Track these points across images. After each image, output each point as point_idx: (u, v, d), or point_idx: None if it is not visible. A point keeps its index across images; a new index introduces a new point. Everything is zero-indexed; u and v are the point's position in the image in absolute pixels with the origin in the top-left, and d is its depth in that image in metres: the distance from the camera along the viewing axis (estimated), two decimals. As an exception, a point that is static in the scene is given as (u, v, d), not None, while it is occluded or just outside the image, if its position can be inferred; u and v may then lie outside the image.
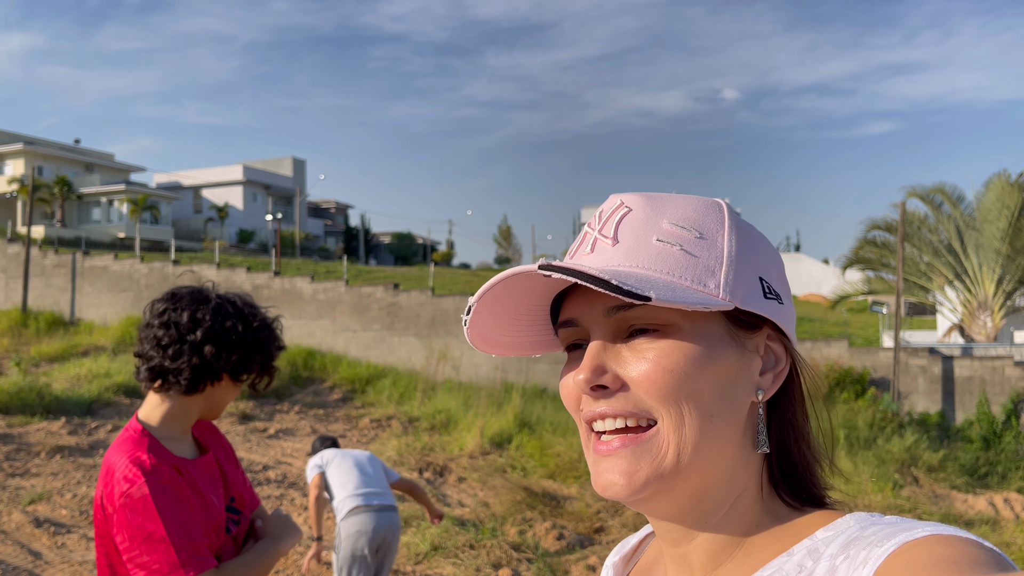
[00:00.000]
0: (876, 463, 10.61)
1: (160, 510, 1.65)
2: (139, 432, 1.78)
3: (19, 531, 7.23)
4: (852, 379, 14.92)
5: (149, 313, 1.85)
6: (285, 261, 31.82)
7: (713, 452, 0.68)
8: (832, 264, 44.04)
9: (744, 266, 0.70)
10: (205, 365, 1.79)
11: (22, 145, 45.00)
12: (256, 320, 1.88)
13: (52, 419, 12.77)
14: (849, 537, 0.62)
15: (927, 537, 0.56)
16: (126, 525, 1.66)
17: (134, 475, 1.67)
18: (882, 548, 0.57)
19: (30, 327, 23.82)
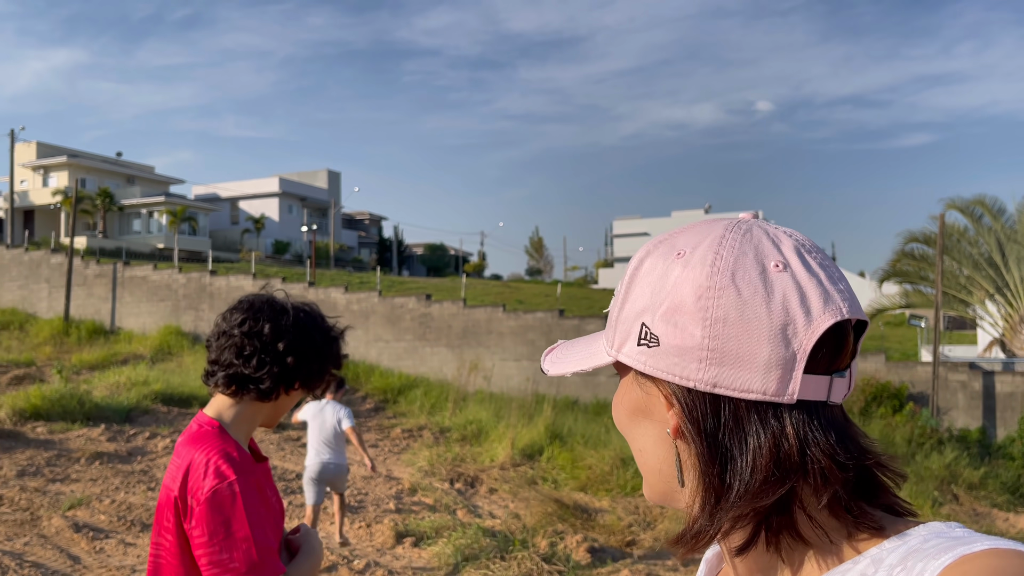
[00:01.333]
0: (914, 480, 10.41)
1: (247, 509, 1.69)
2: (217, 427, 1.82)
3: (58, 536, 7.37)
4: (889, 394, 14.67)
5: (225, 322, 1.88)
6: (320, 272, 32.16)
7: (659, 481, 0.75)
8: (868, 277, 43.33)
9: (628, 314, 0.72)
10: (284, 374, 1.84)
11: (66, 158, 46.11)
12: (331, 331, 1.94)
13: (92, 426, 13.02)
14: (910, 549, 0.62)
15: (986, 551, 0.56)
16: (209, 520, 1.68)
17: (226, 471, 1.71)
18: (938, 561, 0.57)
19: (72, 336, 24.32)
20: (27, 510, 8.21)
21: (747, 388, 0.65)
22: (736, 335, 0.65)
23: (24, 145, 46.98)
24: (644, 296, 0.71)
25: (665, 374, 0.69)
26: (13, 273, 28.70)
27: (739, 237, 0.69)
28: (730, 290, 0.66)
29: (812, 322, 0.65)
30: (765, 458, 0.65)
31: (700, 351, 0.66)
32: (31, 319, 26.56)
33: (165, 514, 1.78)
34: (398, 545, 7.56)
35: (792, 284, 0.66)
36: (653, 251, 0.73)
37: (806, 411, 0.66)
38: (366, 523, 8.15)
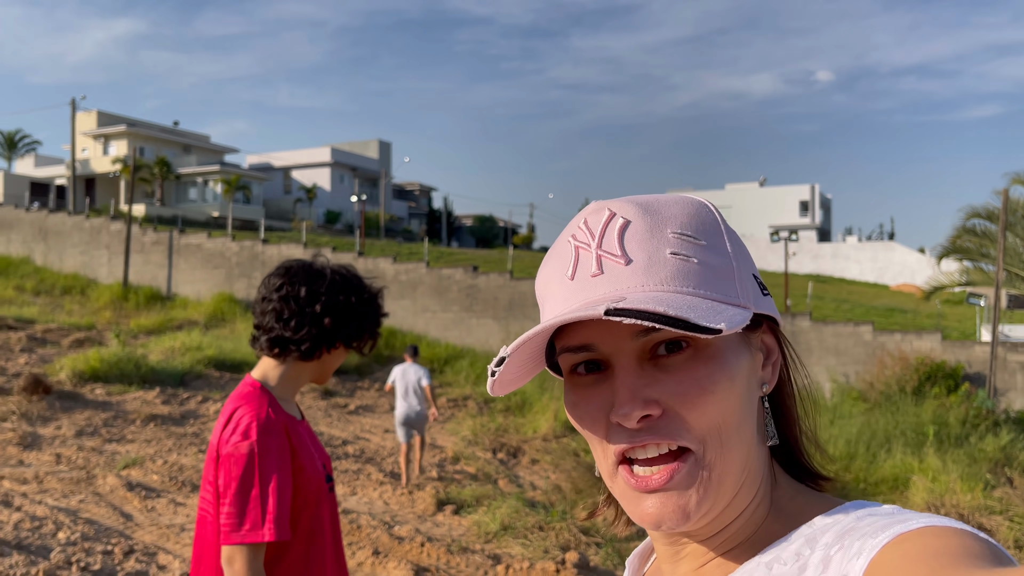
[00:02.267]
0: (967, 462, 10.14)
1: (262, 470, 1.79)
2: (258, 388, 1.92)
3: (113, 494, 7.64)
4: (944, 373, 14.28)
5: (265, 288, 1.97)
6: (369, 242, 32.47)
7: (739, 461, 0.67)
8: (927, 254, 42.17)
9: (743, 268, 0.70)
10: (323, 335, 1.93)
11: (125, 127, 47.19)
12: (366, 292, 2.02)
13: (147, 389, 13.42)
14: (845, 527, 0.62)
15: (922, 528, 0.56)
16: (228, 473, 1.79)
17: (250, 430, 1.81)
18: (876, 539, 0.56)
19: (130, 301, 25.05)
20: (83, 468, 8.52)
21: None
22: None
23: (85, 114, 48.21)
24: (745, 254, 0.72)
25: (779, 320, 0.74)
26: (75, 239, 29.59)
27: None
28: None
29: None
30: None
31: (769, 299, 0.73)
32: (92, 284, 27.41)
33: (208, 468, 1.89)
34: (439, 512, 7.66)
35: None
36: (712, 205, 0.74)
37: None
38: (408, 490, 8.27)
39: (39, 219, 31.14)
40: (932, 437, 11.11)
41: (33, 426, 10.43)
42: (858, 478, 9.59)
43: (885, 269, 44.40)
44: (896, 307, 25.91)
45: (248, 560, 1.74)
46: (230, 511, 1.77)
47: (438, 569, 5.92)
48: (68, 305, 24.66)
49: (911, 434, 11.22)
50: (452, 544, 6.50)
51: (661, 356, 0.66)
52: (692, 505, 0.65)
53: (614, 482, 0.69)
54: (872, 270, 44.67)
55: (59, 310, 23.54)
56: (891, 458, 10.16)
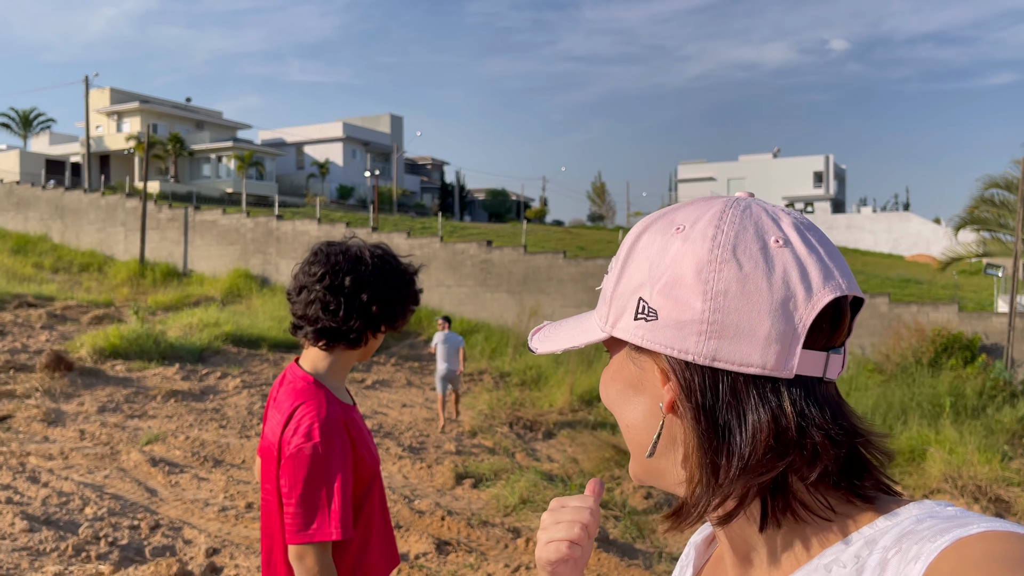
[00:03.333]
0: (984, 433, 10.14)
1: (328, 472, 1.79)
2: (312, 383, 1.90)
3: (137, 469, 7.77)
4: (961, 345, 14.22)
5: (305, 276, 1.92)
6: (382, 217, 32.49)
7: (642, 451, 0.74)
8: (944, 224, 41.76)
9: (625, 289, 0.71)
10: (371, 321, 1.91)
11: (138, 104, 47.22)
12: (407, 273, 2.00)
13: (167, 365, 13.57)
14: (904, 530, 0.61)
15: (982, 533, 0.55)
16: (292, 475, 1.78)
17: (312, 431, 1.80)
18: (935, 544, 0.56)
19: (147, 277, 25.25)
20: (107, 444, 8.66)
21: (746, 362, 0.65)
22: (737, 308, 0.65)
23: (98, 91, 48.25)
24: (642, 271, 0.70)
25: (664, 347, 0.68)
26: (91, 217, 29.78)
27: (739, 213, 0.69)
28: (731, 264, 0.65)
29: (812, 297, 0.65)
30: (764, 433, 0.65)
31: (700, 324, 0.66)
32: (109, 261, 27.63)
33: (268, 462, 1.89)
34: (458, 486, 7.74)
35: (793, 259, 0.66)
36: (650, 227, 0.72)
37: (803, 387, 0.66)
38: (427, 464, 8.36)
39: (55, 197, 31.34)
40: (949, 409, 11.10)
41: (56, 403, 10.59)
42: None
43: (900, 240, 44.04)
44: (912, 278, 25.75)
45: (318, 557, 1.77)
46: (297, 511, 1.77)
47: (459, 543, 6.01)
48: (86, 282, 24.89)
49: (928, 406, 11.21)
50: (472, 518, 6.58)
51: None
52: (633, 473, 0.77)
53: None
54: (887, 241, 44.33)
55: (77, 287, 23.77)
56: (908, 430, 10.16)
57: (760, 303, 0.64)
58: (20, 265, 25.84)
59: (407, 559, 5.67)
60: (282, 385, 1.97)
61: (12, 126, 50.57)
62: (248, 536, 6.05)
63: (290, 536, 1.78)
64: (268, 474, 1.90)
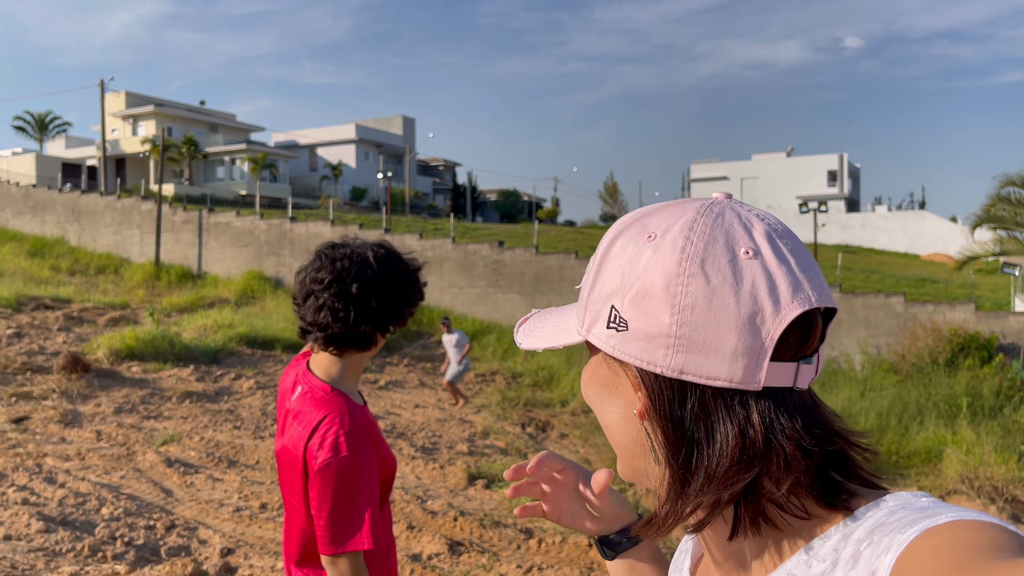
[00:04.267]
0: (1001, 433, 10.06)
1: (358, 484, 1.80)
2: (330, 391, 1.91)
3: (152, 470, 7.82)
4: (978, 345, 14.10)
5: (313, 283, 1.92)
6: (395, 218, 32.57)
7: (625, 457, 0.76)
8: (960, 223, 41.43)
9: (599, 295, 0.72)
10: (380, 324, 1.93)
11: (153, 107, 47.56)
12: (412, 272, 2.00)
13: (182, 366, 13.66)
14: (876, 522, 0.62)
15: (950, 523, 0.56)
16: (322, 489, 1.79)
17: (340, 444, 1.80)
18: (904, 535, 0.57)
19: (162, 279, 25.43)
20: (123, 445, 8.73)
21: (713, 375, 0.65)
22: (704, 323, 0.65)
23: (114, 95, 48.63)
24: (614, 278, 0.70)
25: (633, 359, 0.69)
26: (107, 219, 30.02)
27: (710, 221, 0.69)
28: (699, 277, 0.66)
29: (780, 311, 0.65)
30: (731, 445, 0.66)
31: (668, 337, 0.66)
32: (125, 263, 27.84)
33: (292, 472, 1.88)
34: (470, 487, 7.75)
35: (762, 272, 0.66)
36: (624, 232, 0.72)
37: (772, 398, 0.67)
38: (439, 464, 8.38)
39: (72, 200, 31.60)
40: (965, 409, 11.01)
41: (73, 404, 10.68)
42: (890, 451, 9.54)
43: (916, 239, 43.71)
44: (928, 277, 25.55)
45: (351, 562, 1.80)
46: (328, 524, 1.79)
47: (471, 543, 6.02)
48: (102, 284, 25.09)
49: (944, 406, 11.13)
50: (485, 518, 6.59)
51: None
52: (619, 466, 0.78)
53: None
54: (903, 240, 44.02)
55: (94, 289, 23.96)
56: (923, 430, 10.09)
57: (727, 318, 0.65)
58: (37, 268, 26.07)
59: (420, 559, 5.68)
60: (295, 391, 1.97)
61: (28, 129, 51.05)
62: (262, 536, 6.08)
63: (323, 547, 1.80)
64: (290, 482, 1.91)
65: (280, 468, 1.96)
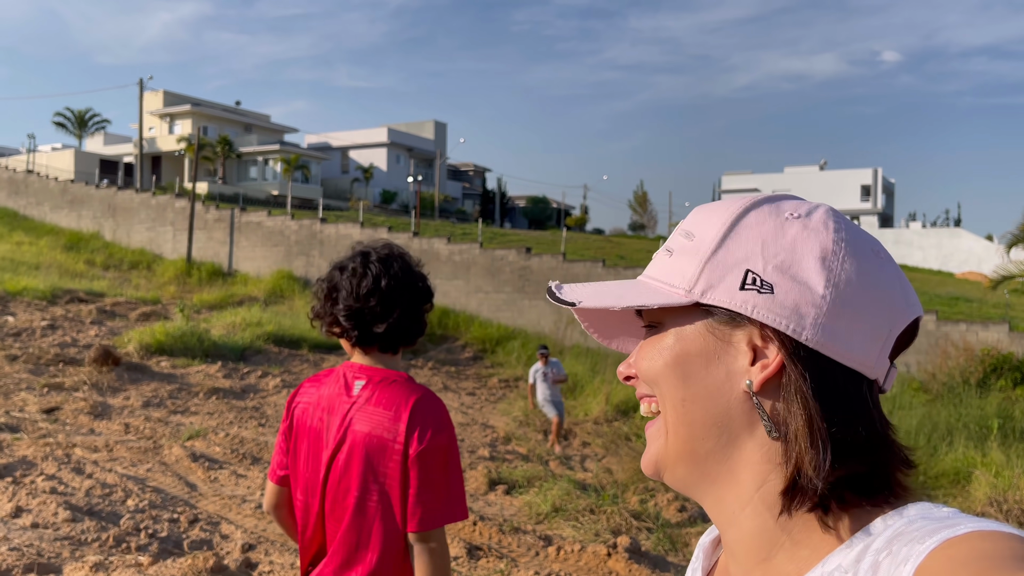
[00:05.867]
0: (1033, 458, 9.86)
1: (457, 457, 1.94)
2: (409, 378, 2.03)
3: (178, 464, 7.92)
4: (1011, 366, 13.85)
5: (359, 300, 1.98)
6: (424, 222, 32.73)
7: (696, 436, 0.71)
8: (996, 241, 40.71)
9: (726, 259, 0.70)
10: (423, 323, 2.07)
11: (190, 107, 48.29)
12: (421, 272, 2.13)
13: (210, 363, 13.82)
14: (895, 532, 0.62)
15: (970, 533, 0.56)
16: (434, 465, 1.89)
17: (442, 421, 1.93)
18: (923, 545, 0.57)
19: (193, 276, 25.77)
20: (150, 438, 8.85)
21: (848, 354, 0.67)
22: (852, 301, 0.68)
23: (152, 94, 49.44)
24: (751, 245, 0.70)
25: (779, 323, 0.68)
26: (142, 216, 30.50)
27: (844, 217, 0.73)
28: (854, 259, 0.69)
29: (907, 309, 0.70)
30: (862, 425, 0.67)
31: (817, 308, 0.67)
32: (157, 259, 28.26)
33: (379, 459, 1.90)
34: (491, 492, 7.76)
35: (894, 270, 0.71)
36: (756, 207, 0.73)
37: (874, 391, 0.70)
38: (461, 469, 8.39)
39: (108, 196, 32.16)
40: (996, 431, 10.81)
41: (103, 396, 10.85)
42: (917, 471, 9.35)
43: (950, 256, 43.07)
44: (961, 296, 25.14)
45: (441, 539, 1.90)
46: (432, 499, 1.87)
47: (490, 548, 6.02)
48: (135, 279, 25.49)
49: (974, 427, 10.93)
50: (504, 524, 6.59)
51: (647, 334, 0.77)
52: (650, 458, 0.75)
53: None
54: (936, 257, 43.39)
55: (127, 284, 24.35)
56: (952, 451, 9.92)
57: (872, 302, 0.68)
58: (72, 261, 26.55)
59: (438, 563, 5.69)
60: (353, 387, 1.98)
61: (68, 126, 52.08)
62: (282, 534, 6.13)
63: (423, 524, 1.86)
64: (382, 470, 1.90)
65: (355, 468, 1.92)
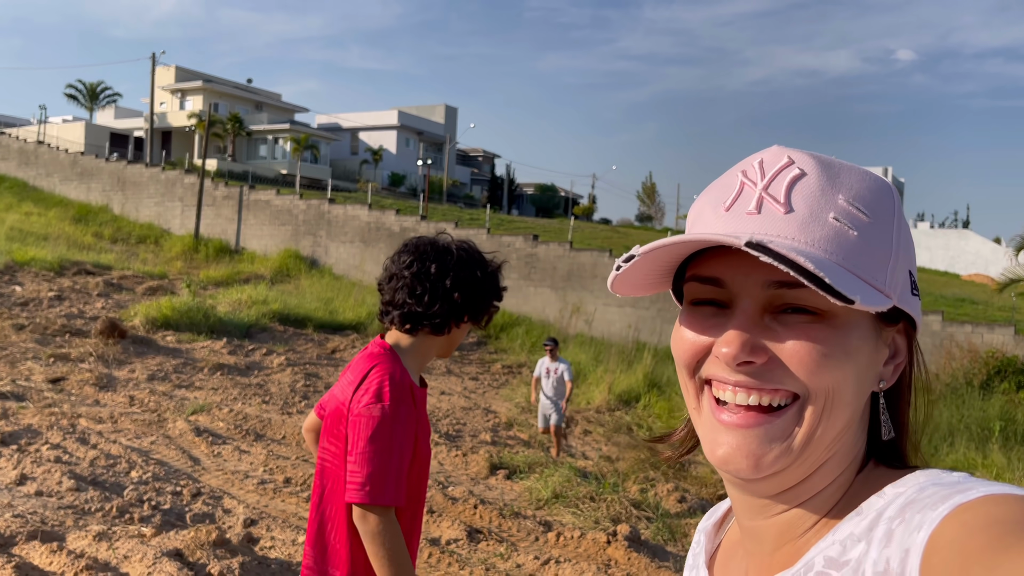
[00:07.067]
0: (1035, 462, 9.86)
1: (392, 435, 1.87)
2: (389, 349, 2.00)
3: (182, 438, 7.97)
4: (1016, 369, 13.82)
5: (395, 265, 2.03)
6: (432, 206, 32.71)
7: (832, 438, 0.67)
8: (1004, 244, 40.54)
9: (902, 259, 0.68)
10: (454, 309, 2.00)
11: (201, 83, 48.22)
12: (489, 267, 2.08)
13: (215, 339, 13.87)
14: (907, 499, 0.62)
15: (983, 498, 0.56)
16: (357, 433, 1.87)
17: (383, 392, 1.88)
18: (936, 511, 0.56)
19: (201, 252, 25.82)
20: (155, 411, 8.90)
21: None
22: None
23: (164, 69, 49.36)
24: (906, 241, 0.70)
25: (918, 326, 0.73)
26: (151, 190, 30.52)
27: None
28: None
29: None
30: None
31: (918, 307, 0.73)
32: (165, 235, 28.31)
33: (336, 423, 1.96)
34: (491, 476, 7.79)
35: None
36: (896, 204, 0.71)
37: None
38: (462, 452, 8.42)
39: (118, 169, 32.18)
40: (998, 433, 10.80)
41: (109, 368, 10.90)
42: (917, 470, 9.41)
43: (957, 258, 42.92)
44: (967, 298, 25.05)
45: (381, 517, 1.83)
46: (355, 470, 1.84)
47: (490, 532, 6.05)
48: (143, 254, 25.55)
49: (976, 429, 10.94)
50: (504, 508, 6.62)
51: (785, 314, 0.66)
52: (767, 458, 0.66)
53: (699, 409, 0.71)
54: (943, 258, 43.24)
55: (134, 258, 24.41)
56: (953, 452, 9.93)
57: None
58: (81, 233, 26.61)
59: (439, 544, 5.73)
60: (363, 351, 2.06)
61: (79, 98, 52.05)
62: (284, 510, 6.17)
63: (350, 494, 1.84)
64: (336, 433, 1.96)
65: (325, 429, 2.01)
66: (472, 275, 2.01)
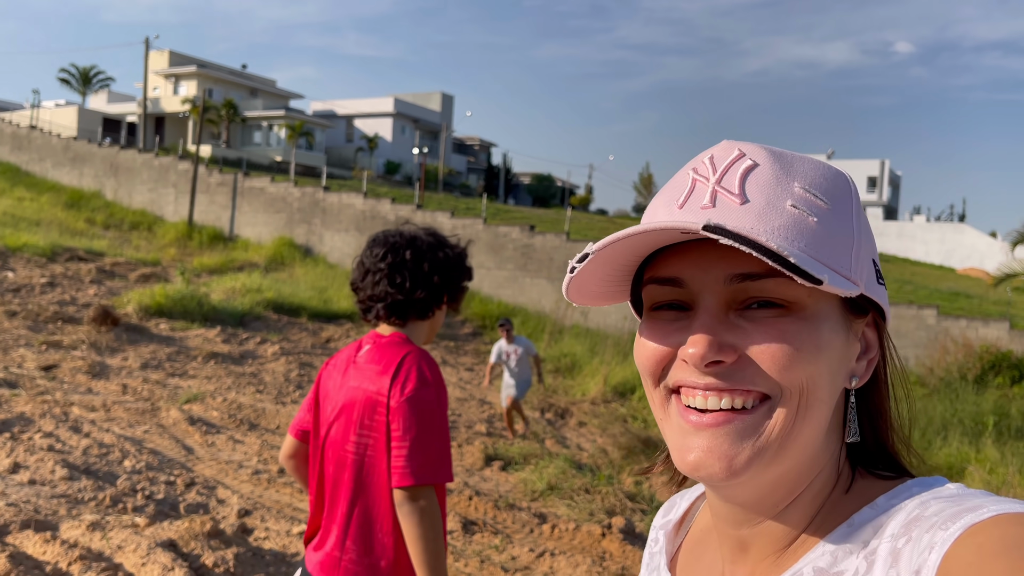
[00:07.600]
0: (1028, 456, 9.90)
1: (440, 416, 1.93)
2: (406, 339, 2.03)
3: (175, 427, 7.93)
4: (1010, 364, 13.86)
5: (368, 259, 2.06)
6: (428, 195, 32.61)
7: (807, 438, 0.64)
8: (1000, 238, 40.67)
9: (864, 247, 0.66)
10: (434, 291, 2.05)
11: (195, 68, 47.90)
12: (457, 248, 2.15)
13: (209, 327, 13.81)
14: (910, 515, 0.60)
15: (995, 518, 0.53)
16: (409, 418, 1.89)
17: (426, 376, 1.93)
18: (947, 532, 0.54)
19: (194, 240, 25.70)
20: (148, 400, 8.85)
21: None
22: None
23: (157, 53, 49.03)
24: (866, 229, 0.67)
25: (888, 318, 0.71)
26: (144, 176, 30.35)
27: None
28: None
29: None
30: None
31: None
32: (159, 221, 28.17)
33: (369, 413, 1.95)
34: (487, 467, 7.77)
35: None
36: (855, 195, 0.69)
37: None
38: (457, 443, 8.41)
39: (111, 155, 31.98)
40: (992, 427, 10.83)
41: (101, 356, 10.84)
42: (910, 464, 9.43)
43: (953, 252, 43.00)
44: (962, 292, 25.11)
45: (430, 497, 1.87)
46: (412, 454, 1.86)
47: (485, 523, 6.03)
48: (136, 240, 25.42)
49: (969, 423, 10.97)
50: (499, 500, 6.60)
51: (751, 309, 0.63)
52: (740, 459, 0.62)
53: (666, 418, 0.67)
54: (939, 252, 43.33)
55: (127, 245, 24.29)
56: (947, 446, 9.96)
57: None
58: (73, 219, 26.46)
59: (433, 536, 5.71)
60: (360, 351, 2.06)
61: (72, 82, 51.70)
62: (279, 501, 6.14)
63: (403, 478, 1.86)
64: (370, 425, 1.95)
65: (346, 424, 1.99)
66: (445, 257, 2.08)
